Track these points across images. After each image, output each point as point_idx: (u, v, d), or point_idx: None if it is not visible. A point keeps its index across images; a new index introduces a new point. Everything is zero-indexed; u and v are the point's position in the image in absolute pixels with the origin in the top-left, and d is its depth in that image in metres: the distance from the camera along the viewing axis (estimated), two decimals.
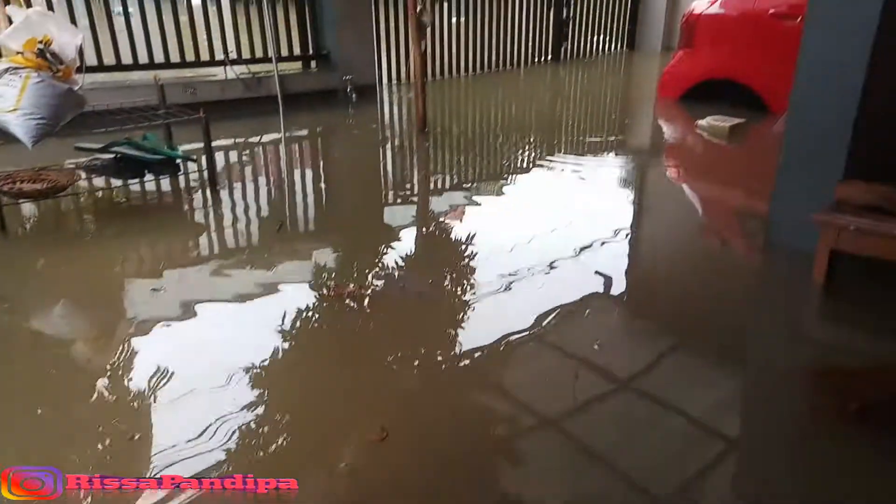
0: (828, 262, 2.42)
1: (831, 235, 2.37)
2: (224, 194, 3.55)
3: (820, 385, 2.01)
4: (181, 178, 3.59)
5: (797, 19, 2.62)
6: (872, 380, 1.98)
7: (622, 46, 8.58)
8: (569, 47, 8.05)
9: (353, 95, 5.89)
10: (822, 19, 2.56)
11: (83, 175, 3.35)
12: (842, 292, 2.44)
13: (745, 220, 3.41)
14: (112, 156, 3.10)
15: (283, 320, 2.26)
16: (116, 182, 3.35)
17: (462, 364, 2.03)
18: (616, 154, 4.67)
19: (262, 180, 4.01)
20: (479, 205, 3.65)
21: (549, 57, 7.96)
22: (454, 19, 7.57)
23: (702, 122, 4.83)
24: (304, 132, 5.22)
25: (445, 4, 6.73)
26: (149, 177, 3.40)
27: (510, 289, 2.53)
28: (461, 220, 3.39)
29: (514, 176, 4.22)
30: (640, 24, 8.50)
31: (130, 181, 3.28)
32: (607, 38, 8.44)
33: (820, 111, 2.63)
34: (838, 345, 2.24)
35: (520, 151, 4.72)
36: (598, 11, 8.18)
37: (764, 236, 2.92)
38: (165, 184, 3.56)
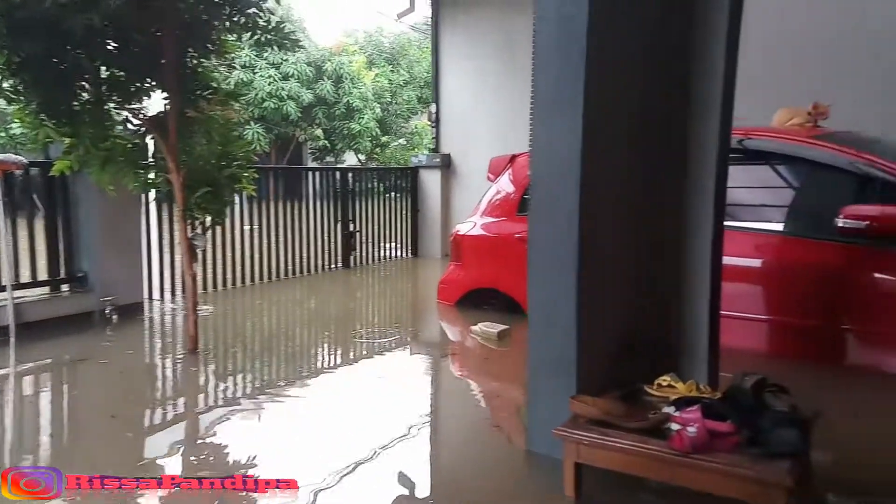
0: (575, 474, 2.56)
1: (573, 449, 2.53)
2: None
3: None
4: None
5: None
6: None
7: (407, 253, 9.31)
8: (357, 255, 8.52)
9: (114, 317, 5.38)
10: (538, 243, 3.01)
11: None
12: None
13: (519, 414, 3.57)
14: None
15: None
16: None
17: None
18: (403, 355, 5.00)
19: None
20: (252, 420, 3.53)
21: (340, 264, 8.30)
22: (246, 227, 7.65)
23: (474, 327, 5.23)
24: (47, 361, 4.55)
25: (238, 215, 6.83)
26: None
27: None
28: (229, 443, 3.17)
29: (297, 384, 4.15)
30: (420, 234, 9.38)
31: None
32: (393, 246, 9.13)
33: (547, 326, 2.96)
34: None
35: (304, 359, 4.70)
36: (383, 224, 8.93)
37: (524, 444, 3.05)
38: None
